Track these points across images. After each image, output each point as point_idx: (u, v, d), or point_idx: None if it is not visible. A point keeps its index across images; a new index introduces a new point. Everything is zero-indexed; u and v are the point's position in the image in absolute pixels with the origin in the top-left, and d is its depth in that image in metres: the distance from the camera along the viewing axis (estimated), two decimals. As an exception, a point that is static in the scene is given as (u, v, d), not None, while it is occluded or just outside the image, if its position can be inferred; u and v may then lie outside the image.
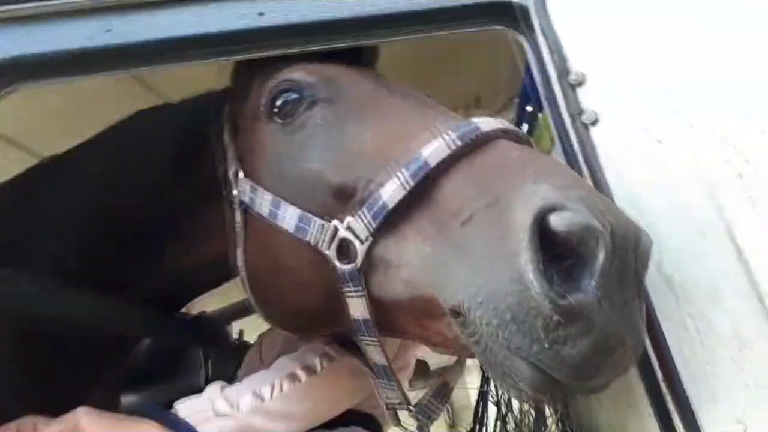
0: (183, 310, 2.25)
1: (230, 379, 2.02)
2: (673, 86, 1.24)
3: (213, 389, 1.59)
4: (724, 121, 1.14)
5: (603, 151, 1.28)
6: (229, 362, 2.30)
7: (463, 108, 2.91)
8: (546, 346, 0.93)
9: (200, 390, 2.36)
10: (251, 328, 2.47)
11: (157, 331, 2.15)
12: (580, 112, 1.31)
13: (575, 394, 1.32)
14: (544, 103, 1.40)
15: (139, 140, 1.87)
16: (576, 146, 1.31)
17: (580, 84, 1.32)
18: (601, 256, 0.92)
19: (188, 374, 2.46)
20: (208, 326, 2.46)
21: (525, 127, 2.38)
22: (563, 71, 1.35)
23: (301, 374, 1.58)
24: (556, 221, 0.94)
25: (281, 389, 1.55)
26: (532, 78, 1.45)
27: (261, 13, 1.41)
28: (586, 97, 1.32)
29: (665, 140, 1.21)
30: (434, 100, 1.49)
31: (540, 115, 2.02)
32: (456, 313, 1.03)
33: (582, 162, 1.29)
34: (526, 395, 1.03)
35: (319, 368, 1.60)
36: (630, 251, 0.97)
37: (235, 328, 2.81)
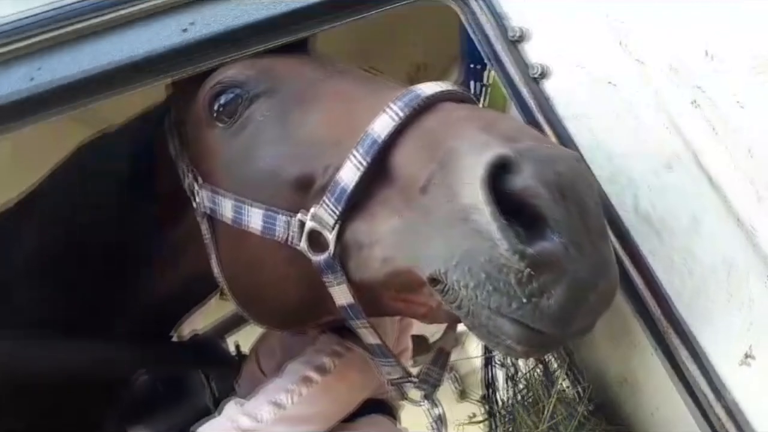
0: (173, 333, 2.22)
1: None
2: (620, 27, 1.22)
3: (231, 407, 1.58)
4: (675, 54, 1.12)
5: (558, 102, 1.27)
6: (234, 377, 2.29)
7: (408, 76, 2.89)
8: (524, 300, 0.94)
9: (208, 410, 2.35)
10: (246, 340, 2.44)
11: (152, 363, 2.12)
12: (528, 67, 1.29)
13: (562, 342, 1.33)
14: (490, 64, 1.38)
15: (87, 174, 1.82)
16: (531, 102, 1.29)
17: (522, 39, 1.30)
18: (556, 205, 0.92)
19: (193, 396, 2.43)
20: (203, 346, 2.44)
21: (473, 85, 2.37)
22: (502, 30, 1.32)
23: (315, 376, 1.58)
24: (508, 178, 0.94)
25: (299, 394, 1.54)
26: (471, 39, 1.43)
27: (185, 30, 1.36)
28: (530, 51, 1.30)
29: (618, 81, 1.20)
30: (373, 72, 1.47)
31: (489, 73, 2.01)
32: (434, 280, 1.03)
33: (540, 116, 1.28)
34: (515, 352, 1.03)
35: (330, 366, 1.60)
36: (586, 195, 0.98)
37: (229, 341, 2.79)
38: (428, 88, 1.18)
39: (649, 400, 1.40)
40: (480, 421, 1.99)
